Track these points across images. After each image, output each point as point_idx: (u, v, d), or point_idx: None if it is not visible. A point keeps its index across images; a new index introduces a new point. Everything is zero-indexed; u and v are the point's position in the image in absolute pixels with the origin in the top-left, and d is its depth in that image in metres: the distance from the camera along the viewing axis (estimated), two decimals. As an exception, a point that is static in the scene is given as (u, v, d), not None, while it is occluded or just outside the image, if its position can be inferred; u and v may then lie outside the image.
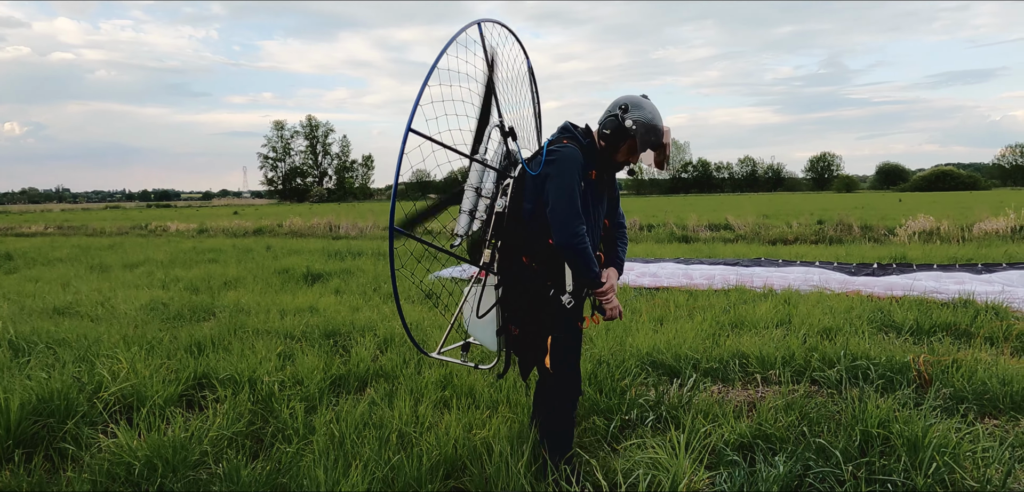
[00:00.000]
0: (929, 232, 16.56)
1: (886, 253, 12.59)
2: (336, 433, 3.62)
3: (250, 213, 45.67)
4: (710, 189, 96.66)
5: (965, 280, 8.25)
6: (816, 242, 16.74)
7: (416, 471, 3.12)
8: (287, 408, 4.11)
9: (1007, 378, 4.27)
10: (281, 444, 3.60)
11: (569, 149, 3.01)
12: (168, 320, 7.24)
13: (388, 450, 3.37)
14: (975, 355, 4.94)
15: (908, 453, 3.11)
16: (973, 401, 4.13)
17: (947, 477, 2.91)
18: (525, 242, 3.10)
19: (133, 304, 8.14)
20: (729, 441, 3.50)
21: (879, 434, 3.34)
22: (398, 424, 3.75)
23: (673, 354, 5.17)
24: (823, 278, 8.79)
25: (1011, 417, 3.99)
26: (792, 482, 2.99)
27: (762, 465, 3.12)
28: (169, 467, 3.32)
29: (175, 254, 15.20)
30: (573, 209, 2.91)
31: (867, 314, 6.54)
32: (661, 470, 2.94)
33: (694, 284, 8.79)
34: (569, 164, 2.96)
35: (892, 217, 21.59)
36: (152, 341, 5.86)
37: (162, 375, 4.74)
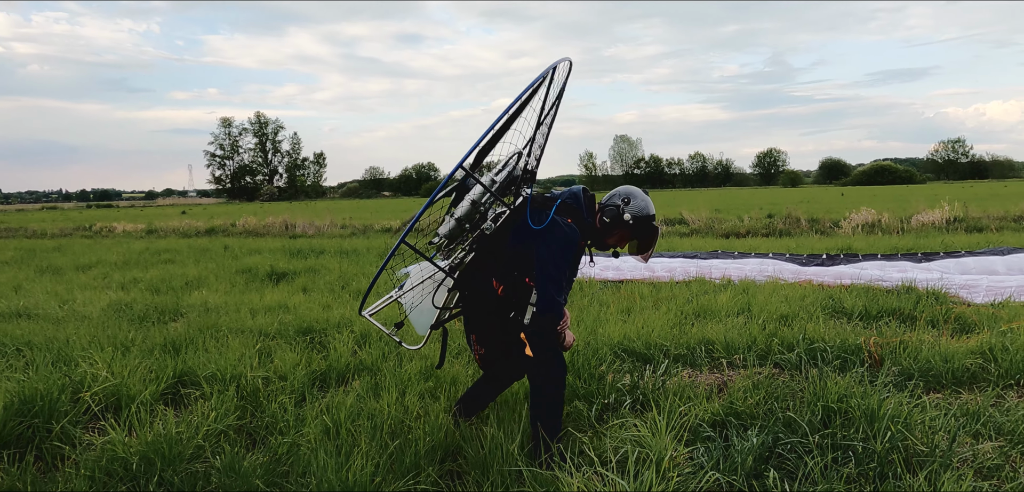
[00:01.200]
0: (871, 224, 17.40)
1: (833, 244, 13.22)
2: (329, 424, 3.72)
3: (199, 213, 44.47)
4: (662, 185, 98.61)
5: (907, 269, 8.79)
6: (767, 235, 17.39)
7: (414, 456, 3.26)
8: (275, 403, 4.19)
9: (948, 356, 4.65)
10: (276, 437, 3.69)
11: (572, 231, 3.21)
12: (134, 321, 7.15)
13: (384, 437, 3.49)
14: (920, 337, 5.35)
15: (866, 424, 3.40)
16: (920, 378, 4.50)
17: (900, 444, 3.21)
18: (500, 271, 3.30)
19: (95, 306, 7.99)
20: (704, 419, 3.75)
21: (839, 408, 3.63)
22: (389, 414, 3.88)
23: (644, 342, 5.42)
24: (777, 269, 9.22)
25: (953, 391, 4.36)
26: (764, 453, 3.25)
27: (736, 439, 3.36)
28: (166, 461, 3.37)
29: (128, 255, 14.82)
30: (559, 285, 3.17)
31: (820, 302, 6.94)
32: (645, 447, 3.15)
33: (656, 277, 9.11)
34: (567, 245, 3.18)
35: (836, 210, 22.54)
36: (125, 342, 5.81)
37: (141, 374, 4.74)
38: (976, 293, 7.42)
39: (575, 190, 3.42)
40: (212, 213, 42.44)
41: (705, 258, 10.75)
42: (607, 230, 3.38)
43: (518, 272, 3.27)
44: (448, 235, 3.25)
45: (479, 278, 3.35)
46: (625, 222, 3.34)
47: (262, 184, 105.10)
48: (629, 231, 3.36)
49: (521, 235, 3.25)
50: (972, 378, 4.53)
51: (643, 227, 3.37)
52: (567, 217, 3.26)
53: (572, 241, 3.19)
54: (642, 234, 3.39)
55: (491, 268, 3.31)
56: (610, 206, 3.37)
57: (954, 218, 17.07)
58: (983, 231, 15.49)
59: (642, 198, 3.40)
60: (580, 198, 3.38)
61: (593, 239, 3.45)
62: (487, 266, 3.33)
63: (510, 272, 3.28)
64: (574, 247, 3.21)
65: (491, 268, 3.31)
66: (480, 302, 3.37)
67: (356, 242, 17.20)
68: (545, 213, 3.21)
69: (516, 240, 3.26)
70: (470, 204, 3.22)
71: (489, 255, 3.32)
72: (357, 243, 16.77)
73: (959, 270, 8.73)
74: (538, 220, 3.19)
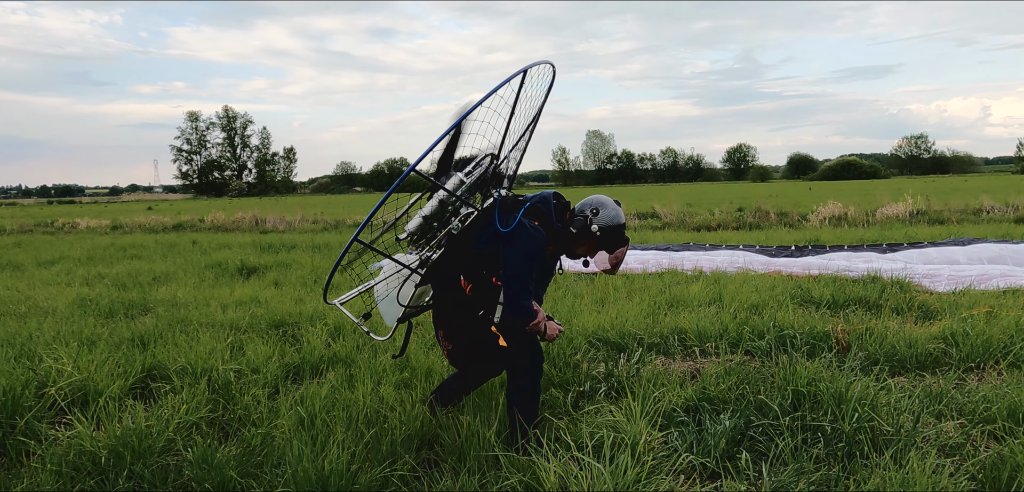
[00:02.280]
0: (838, 217, 17.77)
1: (801, 236, 13.48)
2: (304, 415, 3.69)
3: (166, 208, 43.65)
4: (634, 179, 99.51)
5: (872, 259, 9.00)
6: (737, 228, 17.65)
7: (391, 444, 3.25)
8: (248, 395, 4.14)
9: (912, 341, 4.78)
10: (249, 429, 3.65)
11: (538, 236, 3.19)
12: (100, 316, 6.99)
13: (360, 426, 3.48)
14: (885, 324, 5.48)
15: (834, 406, 3.48)
16: (885, 362, 4.61)
17: (867, 425, 3.30)
18: (468, 269, 3.30)
19: (60, 301, 7.80)
20: (678, 405, 3.80)
21: (808, 391, 3.71)
22: (364, 404, 3.86)
23: (618, 332, 5.47)
24: (747, 260, 9.37)
25: (917, 374, 4.48)
26: (736, 436, 3.31)
27: (709, 423, 3.42)
28: (136, 455, 3.32)
29: (92, 251, 14.48)
30: (525, 288, 3.16)
31: (789, 291, 7.07)
32: (621, 431, 3.18)
33: (628, 268, 9.19)
34: (533, 248, 3.15)
35: (804, 204, 22.98)
36: (91, 337, 5.68)
37: (109, 369, 4.64)
38: (938, 282, 7.63)
39: (545, 194, 3.42)
40: (179, 209, 41.68)
41: (677, 250, 10.88)
42: (576, 240, 3.40)
43: (486, 271, 3.27)
44: (416, 232, 3.24)
45: (448, 276, 3.34)
46: (593, 233, 3.36)
47: (231, 180, 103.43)
48: (597, 242, 3.39)
49: (489, 236, 3.24)
50: (935, 362, 4.66)
51: (611, 238, 3.39)
52: (535, 220, 3.25)
53: (538, 244, 3.18)
54: (610, 245, 3.41)
55: (460, 266, 3.31)
56: (579, 216, 3.38)
57: (917, 211, 17.53)
58: (945, 223, 15.92)
59: (612, 209, 3.41)
60: (549, 202, 3.38)
61: (562, 247, 3.46)
62: (456, 264, 3.32)
63: (478, 271, 3.28)
64: (540, 250, 3.19)
65: (460, 266, 3.31)
66: (449, 299, 3.37)
67: (328, 237, 17.05)
68: (513, 216, 3.20)
69: (484, 241, 3.25)
70: (438, 203, 3.21)
71: (458, 254, 3.31)
72: (329, 238, 16.62)
73: (922, 260, 8.96)
74: (505, 222, 3.18)
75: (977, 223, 15.58)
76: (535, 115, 3.60)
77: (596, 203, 3.41)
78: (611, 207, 3.42)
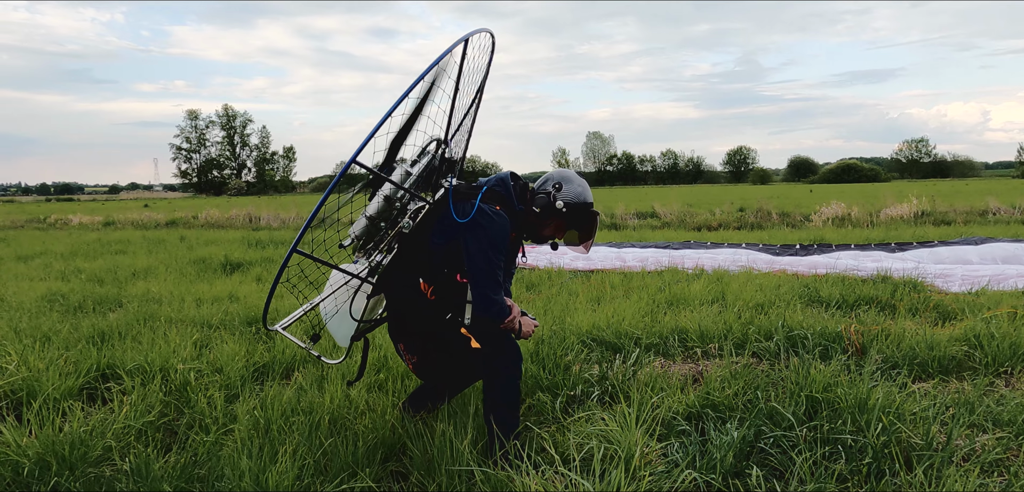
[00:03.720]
0: (841, 217, 17.39)
1: (804, 236, 13.08)
2: (260, 420, 3.31)
3: (162, 206, 43.20)
4: (634, 181, 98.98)
5: (881, 258, 8.62)
6: (739, 227, 17.27)
7: (350, 455, 2.87)
8: (204, 397, 3.75)
9: (933, 343, 4.39)
10: (198, 434, 3.26)
11: (501, 221, 2.84)
12: (67, 312, 6.61)
13: (320, 434, 3.09)
14: (901, 325, 5.10)
15: (855, 415, 3.10)
16: (905, 366, 4.23)
17: (892, 437, 2.91)
18: (426, 270, 2.94)
19: (28, 296, 7.42)
20: (679, 412, 3.42)
21: (825, 398, 3.33)
22: (330, 408, 3.48)
23: (614, 331, 5.09)
24: (750, 259, 8.99)
25: (941, 379, 4.10)
26: (745, 448, 2.93)
27: (714, 433, 3.04)
28: (65, 464, 2.93)
29: (77, 246, 14.09)
30: (494, 280, 2.82)
31: (795, 290, 6.69)
32: (614, 442, 2.80)
33: (627, 266, 8.81)
34: (498, 235, 2.81)
35: (806, 205, 22.57)
36: (48, 332, 5.30)
37: (59, 368, 4.26)
38: (952, 282, 7.25)
39: (503, 176, 3.05)
40: (176, 206, 41.24)
41: (677, 248, 10.49)
42: (540, 220, 3.03)
43: (448, 269, 2.91)
44: (362, 236, 2.87)
45: (404, 281, 2.96)
46: (558, 210, 2.99)
47: (230, 178, 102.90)
48: (564, 220, 3.02)
49: (446, 230, 2.88)
50: (958, 366, 4.28)
51: (578, 215, 3.03)
52: (495, 204, 2.89)
53: (503, 229, 2.82)
54: (579, 222, 3.05)
55: (417, 268, 2.93)
56: (541, 193, 3.01)
57: (922, 212, 17.15)
58: (951, 224, 15.54)
59: (578, 183, 3.05)
60: (508, 184, 3.00)
61: (527, 231, 3.09)
62: (412, 266, 2.94)
63: (439, 271, 2.91)
64: (505, 236, 2.84)
65: (417, 268, 2.93)
66: (408, 307, 2.99)
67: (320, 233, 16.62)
68: (470, 203, 2.84)
69: (441, 236, 2.89)
70: (383, 201, 2.84)
71: (412, 254, 2.94)
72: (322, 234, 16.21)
73: (933, 260, 8.58)
74: (462, 212, 2.82)
75: (984, 224, 15.18)
76: (478, 92, 3.24)
77: (558, 178, 3.04)
78: (577, 182, 3.06)
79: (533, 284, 7.81)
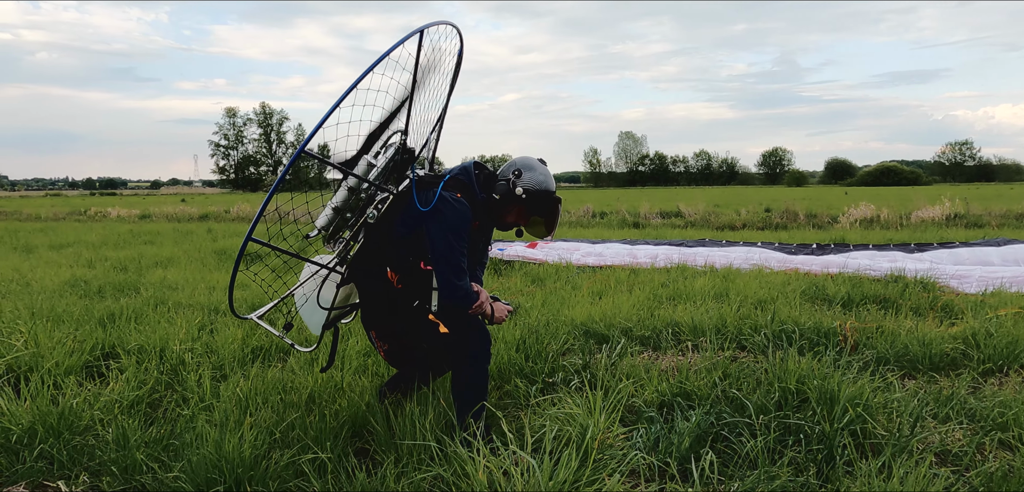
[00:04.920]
0: (870, 219, 17.01)
1: (826, 236, 12.86)
2: (241, 396, 3.43)
3: (199, 201, 44.26)
4: (666, 182, 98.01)
5: (898, 258, 8.44)
6: (763, 228, 17.03)
7: (317, 429, 2.95)
8: (194, 375, 3.89)
9: (927, 341, 4.32)
10: (179, 409, 3.39)
11: (462, 208, 2.89)
12: (86, 295, 6.87)
13: (293, 411, 3.19)
14: (900, 323, 5.02)
15: (823, 406, 3.08)
16: (895, 363, 4.17)
17: (859, 428, 2.89)
18: (393, 259, 3.00)
19: (53, 280, 7.73)
20: (651, 399, 3.44)
21: (797, 390, 3.32)
22: (313, 388, 3.58)
23: (606, 323, 5.11)
24: (763, 257, 8.88)
25: (930, 377, 4.03)
26: (708, 434, 2.93)
27: (680, 420, 3.05)
28: (53, 433, 3.09)
29: (108, 236, 14.57)
30: (457, 267, 2.86)
31: (802, 288, 6.61)
32: (573, 425, 2.84)
33: (638, 262, 8.78)
34: (458, 222, 2.85)
35: (837, 206, 22.12)
36: (61, 313, 5.53)
37: (67, 346, 4.45)
38: (968, 283, 7.07)
39: (466, 164, 3.10)
40: (211, 201, 42.22)
41: (692, 245, 10.41)
42: (500, 207, 3.06)
43: (413, 258, 2.96)
44: (326, 226, 2.94)
45: (372, 270, 3.03)
46: (518, 197, 3.01)
47: (265, 175, 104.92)
48: (524, 206, 3.04)
49: (411, 219, 2.94)
50: (951, 364, 4.20)
51: (539, 202, 3.04)
52: (456, 192, 2.94)
53: (463, 216, 2.87)
54: (540, 210, 3.06)
55: (384, 258, 3.00)
56: (501, 180, 3.04)
57: (955, 214, 16.68)
58: (983, 227, 15.09)
59: (540, 171, 3.07)
60: (471, 172, 3.05)
61: (490, 219, 3.12)
62: (378, 256, 3.01)
63: (405, 260, 2.97)
64: (466, 223, 2.88)
65: (384, 258, 3.00)
66: (376, 296, 3.06)
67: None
68: (432, 192, 2.90)
69: (406, 225, 2.95)
70: (347, 192, 2.91)
71: (379, 244, 3.00)
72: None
73: (952, 260, 8.37)
74: (425, 200, 2.87)
75: (1019, 227, 14.72)
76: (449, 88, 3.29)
77: (519, 165, 3.07)
78: (538, 169, 3.08)
79: (540, 278, 7.84)
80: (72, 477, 2.85)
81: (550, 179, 3.08)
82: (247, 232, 2.69)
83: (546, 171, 3.09)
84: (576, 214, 21.30)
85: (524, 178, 3.02)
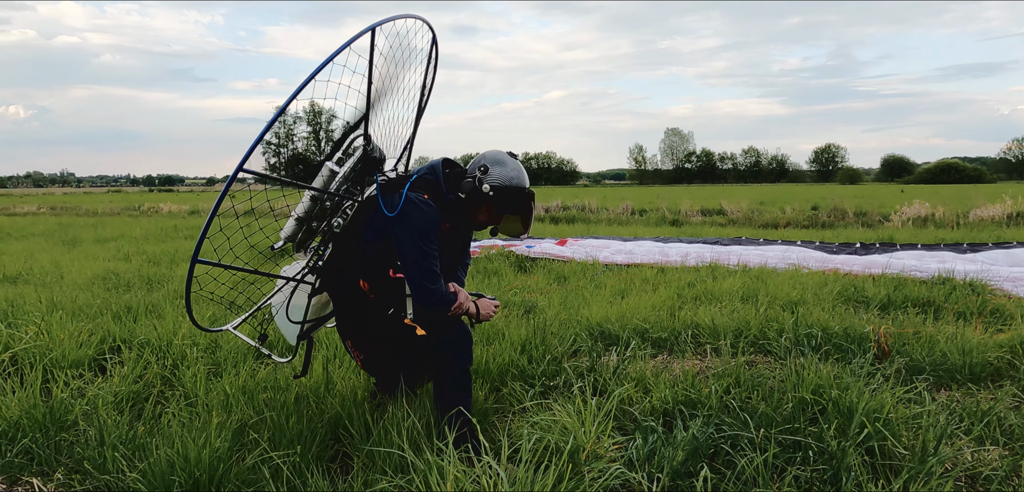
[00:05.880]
0: (924, 217, 16.21)
1: (874, 236, 12.25)
2: (230, 392, 3.35)
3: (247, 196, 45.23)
4: (714, 179, 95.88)
5: (947, 259, 7.92)
6: (808, 227, 16.40)
7: (294, 431, 2.84)
8: (192, 371, 3.85)
9: (968, 349, 3.96)
10: (172, 405, 3.34)
11: (428, 209, 2.73)
12: (115, 288, 6.98)
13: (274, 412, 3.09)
14: (941, 328, 4.65)
15: (841, 418, 2.82)
16: (930, 372, 3.84)
17: (877, 445, 2.63)
18: (364, 267, 2.87)
19: (86, 273, 7.90)
20: (655, 408, 3.22)
21: (813, 400, 3.05)
22: (299, 387, 3.48)
23: (622, 324, 4.89)
24: (802, 256, 8.48)
25: (968, 389, 3.69)
26: (708, 446, 2.71)
27: (679, 430, 2.83)
28: (38, 426, 3.06)
29: (152, 231, 14.97)
30: (429, 270, 2.71)
31: (838, 289, 6.24)
32: (560, 433, 2.65)
33: (669, 261, 8.49)
34: (425, 224, 2.70)
35: (890, 204, 21.17)
36: (81, 306, 5.60)
37: (78, 339, 4.48)
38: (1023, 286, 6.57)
39: (435, 163, 2.93)
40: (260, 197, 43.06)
41: (727, 244, 10.03)
42: (468, 207, 2.87)
43: (383, 265, 2.83)
44: (292, 237, 2.83)
45: (342, 279, 2.91)
46: (485, 194, 2.81)
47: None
48: (492, 204, 2.84)
49: (378, 225, 2.80)
50: (995, 374, 3.85)
51: (508, 199, 2.84)
52: (423, 193, 2.78)
53: (429, 218, 2.71)
54: (510, 208, 2.85)
55: (354, 266, 2.87)
56: (467, 179, 2.85)
57: (1017, 213, 15.72)
58: (1049, 227, 14.17)
59: (510, 166, 2.87)
60: (438, 171, 2.88)
61: (461, 219, 2.94)
62: (348, 265, 2.88)
63: (375, 267, 2.84)
64: (433, 224, 2.72)
65: (354, 266, 2.87)
66: (348, 306, 2.94)
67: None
68: (398, 195, 2.75)
69: (375, 232, 2.81)
70: (310, 200, 2.79)
71: (348, 252, 2.87)
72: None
73: (1008, 261, 7.81)
74: (391, 204, 2.73)
75: (1089, 227, 13.77)
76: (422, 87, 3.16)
77: (486, 160, 2.87)
78: (508, 164, 2.87)
79: (564, 276, 7.64)
80: (49, 473, 2.81)
81: (521, 174, 2.88)
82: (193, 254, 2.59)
83: (517, 165, 2.90)
84: (614, 212, 20.96)
85: (491, 174, 2.83)
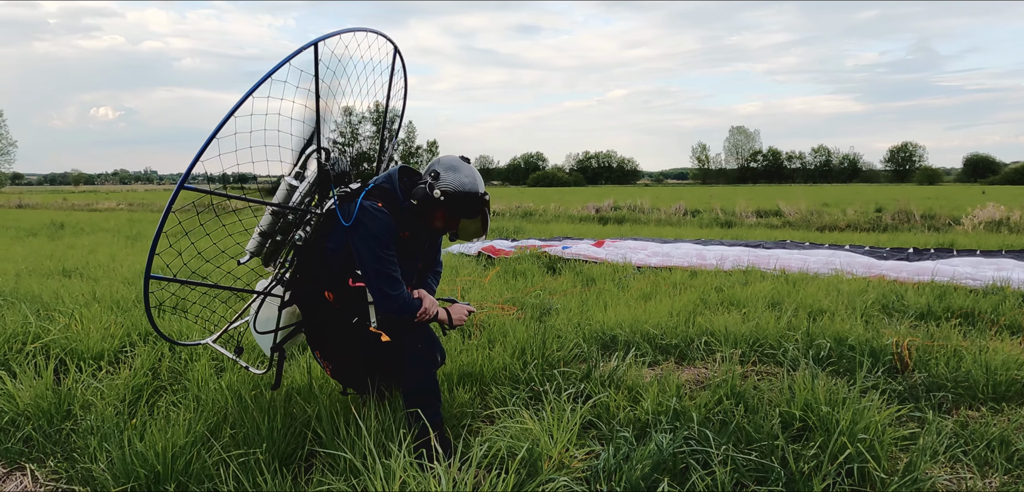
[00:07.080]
0: (998, 221, 15.20)
1: (936, 240, 11.58)
2: (224, 388, 3.46)
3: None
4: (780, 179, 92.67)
5: (1006, 266, 7.41)
6: (870, 230, 15.66)
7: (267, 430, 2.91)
8: (199, 366, 3.99)
9: (991, 367, 3.69)
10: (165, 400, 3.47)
11: (383, 216, 2.74)
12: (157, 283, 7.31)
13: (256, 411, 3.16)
14: (977, 343, 4.34)
15: (825, 436, 2.68)
16: (950, 389, 3.60)
17: (857, 467, 2.48)
18: (329, 278, 2.90)
19: (135, 268, 8.31)
20: (639, 418, 3.14)
21: (800, 416, 2.91)
22: (288, 385, 3.56)
23: (632, 329, 4.78)
24: (847, 261, 8.09)
25: (991, 408, 3.44)
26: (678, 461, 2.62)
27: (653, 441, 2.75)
28: (44, 416, 3.24)
29: (212, 228, 15.61)
30: (387, 277, 2.73)
31: (876, 297, 5.93)
32: (524, 440, 2.62)
33: (705, 264, 8.27)
34: (380, 231, 2.72)
35: (964, 207, 19.95)
36: (118, 300, 5.89)
37: (109, 331, 4.71)
38: (1089, 297, 6.06)
39: (392, 171, 2.92)
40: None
41: (769, 248, 9.68)
42: (423, 213, 2.84)
43: (344, 277, 2.86)
44: (257, 251, 2.91)
45: (308, 290, 2.95)
46: (436, 200, 2.78)
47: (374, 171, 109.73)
48: (444, 209, 2.81)
49: (339, 237, 2.83)
50: (1021, 395, 3.57)
51: (460, 204, 2.79)
52: (378, 201, 2.78)
53: (383, 224, 2.71)
54: (463, 212, 2.81)
55: (319, 277, 2.90)
56: (419, 184, 2.83)
57: (1105, 217, 14.55)
58: None
59: (463, 171, 2.83)
60: (395, 179, 2.87)
61: (417, 225, 2.91)
62: (312, 276, 2.92)
63: (337, 277, 2.87)
64: (388, 231, 2.72)
65: (319, 277, 2.90)
66: (315, 316, 2.98)
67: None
68: (354, 205, 2.77)
69: (336, 243, 2.84)
70: (271, 216, 2.85)
71: (312, 264, 2.91)
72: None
73: (1075, 271, 7.22)
74: (348, 214, 2.75)
75: None
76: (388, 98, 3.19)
77: (438, 166, 2.85)
78: (461, 169, 2.84)
79: (591, 279, 7.54)
80: (43, 460, 2.96)
81: (474, 178, 2.85)
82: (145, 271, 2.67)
83: (470, 170, 2.86)
84: (666, 212, 20.56)
85: (442, 180, 2.81)
